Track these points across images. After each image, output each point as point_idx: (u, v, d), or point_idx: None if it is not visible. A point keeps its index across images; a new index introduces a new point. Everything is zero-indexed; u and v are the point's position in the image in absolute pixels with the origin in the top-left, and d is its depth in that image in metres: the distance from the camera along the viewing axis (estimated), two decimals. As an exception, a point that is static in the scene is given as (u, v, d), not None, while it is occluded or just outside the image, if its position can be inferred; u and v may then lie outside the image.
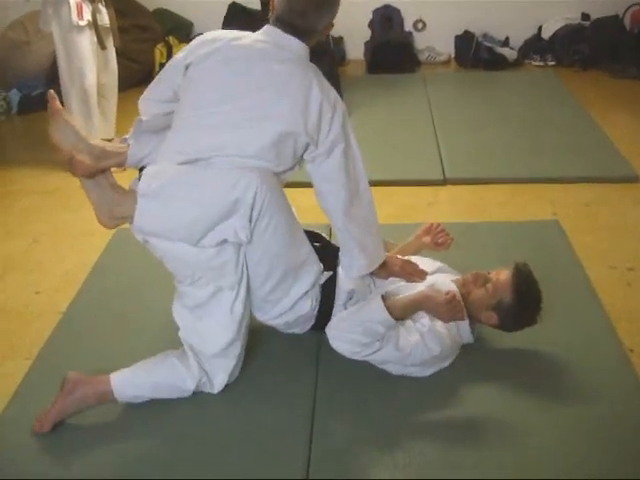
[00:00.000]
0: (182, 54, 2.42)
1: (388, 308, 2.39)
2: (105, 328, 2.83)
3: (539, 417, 2.32)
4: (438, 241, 2.80)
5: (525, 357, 2.59)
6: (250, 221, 2.21)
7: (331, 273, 2.53)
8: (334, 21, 2.37)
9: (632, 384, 2.44)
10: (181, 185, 2.24)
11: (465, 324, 2.53)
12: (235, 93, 2.28)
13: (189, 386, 2.40)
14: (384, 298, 2.43)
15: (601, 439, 2.22)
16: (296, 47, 2.31)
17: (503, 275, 2.53)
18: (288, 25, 2.29)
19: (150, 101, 2.49)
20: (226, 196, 2.19)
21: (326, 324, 2.51)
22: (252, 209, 2.20)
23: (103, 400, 2.36)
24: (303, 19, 2.28)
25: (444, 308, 2.39)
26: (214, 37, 2.39)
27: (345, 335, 2.42)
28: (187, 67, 2.37)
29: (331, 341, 2.45)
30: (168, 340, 2.55)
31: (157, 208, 2.25)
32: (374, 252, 2.46)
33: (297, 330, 2.61)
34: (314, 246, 2.50)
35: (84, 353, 2.68)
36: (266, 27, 2.36)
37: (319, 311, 2.53)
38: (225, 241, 2.26)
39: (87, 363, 2.53)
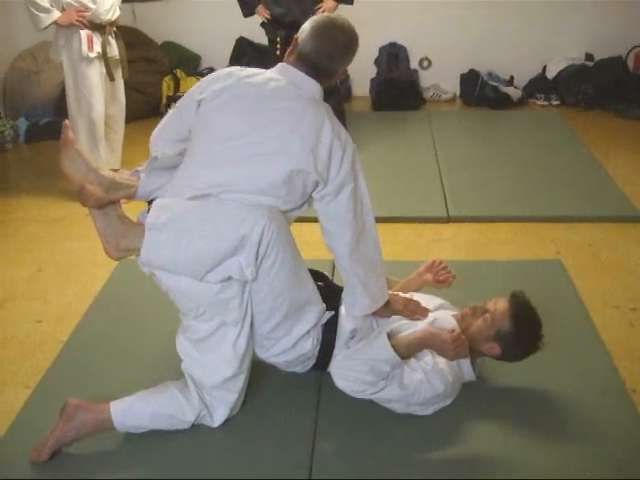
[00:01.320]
0: (197, 89, 2.42)
1: (393, 346, 2.37)
2: (106, 359, 2.82)
3: (541, 456, 2.30)
4: (440, 278, 2.80)
5: (526, 396, 2.57)
6: (256, 258, 2.21)
7: (333, 313, 2.52)
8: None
9: (634, 424, 2.42)
10: (189, 220, 2.25)
11: (467, 361, 2.52)
12: (246, 130, 2.29)
13: (189, 418, 2.38)
14: (389, 336, 2.42)
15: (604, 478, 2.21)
16: (312, 87, 2.34)
17: (500, 304, 2.53)
18: (312, 66, 2.32)
19: (164, 141, 2.48)
20: (233, 233, 2.19)
21: (327, 364, 2.50)
22: (259, 246, 2.19)
23: (102, 428, 2.35)
24: (329, 62, 2.33)
25: (450, 346, 2.37)
26: (228, 73, 2.40)
27: (350, 374, 2.40)
28: (199, 103, 2.38)
29: (335, 380, 2.44)
30: (170, 372, 2.54)
31: (164, 241, 2.25)
32: (378, 292, 2.47)
33: (298, 369, 2.59)
34: (317, 285, 2.50)
35: (84, 383, 2.67)
36: (281, 65, 2.39)
37: (320, 351, 2.52)
38: (230, 278, 2.26)
39: (87, 393, 2.51)
